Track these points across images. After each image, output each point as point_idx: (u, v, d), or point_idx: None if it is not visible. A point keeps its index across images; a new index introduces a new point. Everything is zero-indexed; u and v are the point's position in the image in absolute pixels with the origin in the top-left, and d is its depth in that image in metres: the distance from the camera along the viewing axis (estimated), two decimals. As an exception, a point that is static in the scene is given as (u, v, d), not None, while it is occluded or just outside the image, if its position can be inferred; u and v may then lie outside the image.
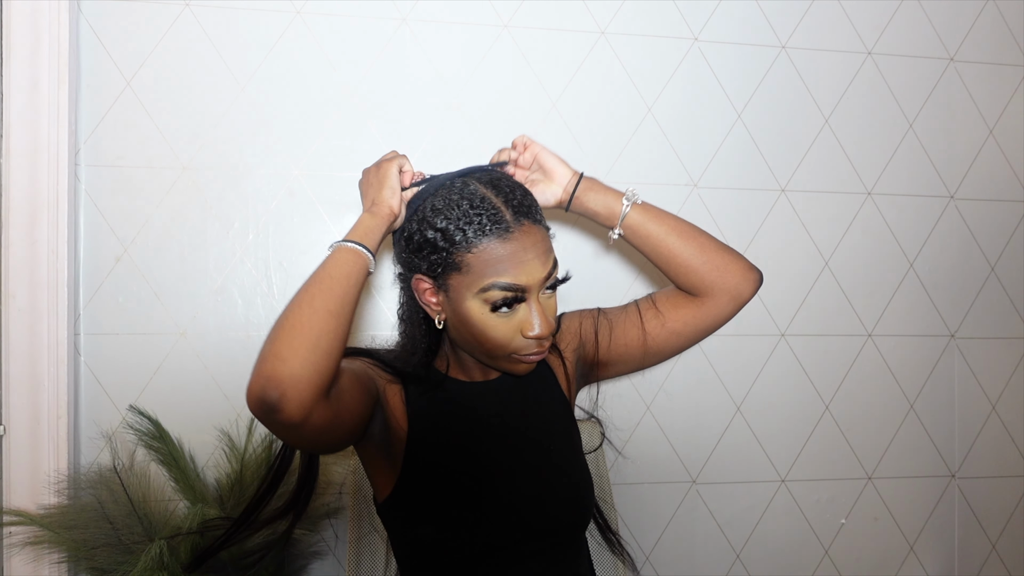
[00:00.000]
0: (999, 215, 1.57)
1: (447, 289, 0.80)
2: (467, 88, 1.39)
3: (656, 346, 0.94)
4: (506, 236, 0.77)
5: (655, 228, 0.90)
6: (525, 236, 0.78)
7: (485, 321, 0.79)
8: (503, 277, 0.77)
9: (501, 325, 0.79)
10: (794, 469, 1.49)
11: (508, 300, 0.78)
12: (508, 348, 0.80)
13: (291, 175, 1.34)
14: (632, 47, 1.44)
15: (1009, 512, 1.57)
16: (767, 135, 1.48)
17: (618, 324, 0.96)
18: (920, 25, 1.54)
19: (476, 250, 0.77)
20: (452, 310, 0.81)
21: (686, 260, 0.91)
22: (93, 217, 1.28)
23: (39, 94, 1.23)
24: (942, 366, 1.55)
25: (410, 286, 0.85)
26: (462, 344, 0.85)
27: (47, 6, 1.23)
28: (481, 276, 0.77)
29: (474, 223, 0.77)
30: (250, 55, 1.33)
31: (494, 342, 0.80)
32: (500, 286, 0.77)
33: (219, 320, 1.31)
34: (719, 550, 1.46)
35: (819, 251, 1.50)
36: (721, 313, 0.94)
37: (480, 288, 0.77)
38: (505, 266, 0.77)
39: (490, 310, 0.78)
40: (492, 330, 0.79)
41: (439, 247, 0.79)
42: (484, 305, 0.78)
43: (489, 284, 0.77)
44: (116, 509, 1.10)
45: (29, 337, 1.23)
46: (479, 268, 0.77)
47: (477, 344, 0.82)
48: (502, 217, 0.78)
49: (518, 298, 0.78)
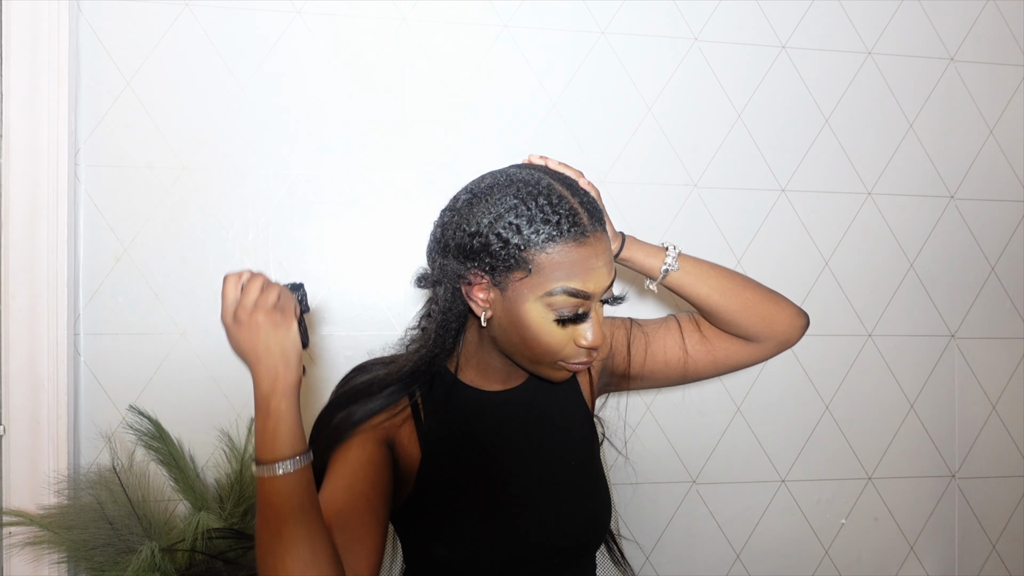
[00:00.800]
0: (999, 215, 1.57)
1: (505, 287, 0.76)
2: (467, 88, 1.39)
3: (696, 369, 0.92)
4: (582, 240, 0.74)
5: (696, 289, 0.89)
6: (598, 243, 0.75)
7: (542, 326, 0.75)
8: (572, 282, 0.73)
9: (557, 332, 0.76)
10: (794, 469, 1.49)
11: (572, 316, 0.75)
12: (558, 356, 0.77)
13: (291, 175, 1.34)
14: (632, 47, 1.44)
15: (1009, 512, 1.57)
16: (767, 135, 1.48)
17: (656, 339, 0.93)
18: (920, 25, 1.54)
19: (551, 250, 0.73)
20: (505, 309, 0.77)
21: (730, 316, 0.89)
22: (93, 217, 1.28)
23: (39, 94, 1.23)
24: (942, 366, 1.55)
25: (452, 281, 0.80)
26: (504, 345, 0.81)
27: (47, 6, 1.23)
28: (550, 279, 0.73)
29: (551, 222, 0.73)
30: (250, 55, 1.33)
31: (545, 348, 0.76)
32: (569, 291, 0.73)
33: (219, 320, 1.31)
34: (719, 550, 1.46)
35: (819, 251, 1.50)
36: (766, 355, 0.93)
37: (547, 291, 0.74)
38: (576, 271, 0.73)
39: (554, 319, 0.75)
40: (547, 335, 0.76)
41: (509, 242, 0.74)
42: (547, 311, 0.75)
43: (558, 288, 0.73)
44: (115, 509, 1.10)
45: (29, 337, 1.23)
46: (549, 270, 0.73)
47: (524, 348, 0.78)
48: (580, 220, 0.74)
49: (580, 315, 0.75)
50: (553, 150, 1.40)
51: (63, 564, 1.19)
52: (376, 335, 1.35)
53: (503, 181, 0.78)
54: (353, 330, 1.35)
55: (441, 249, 0.81)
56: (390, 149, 1.36)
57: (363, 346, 1.34)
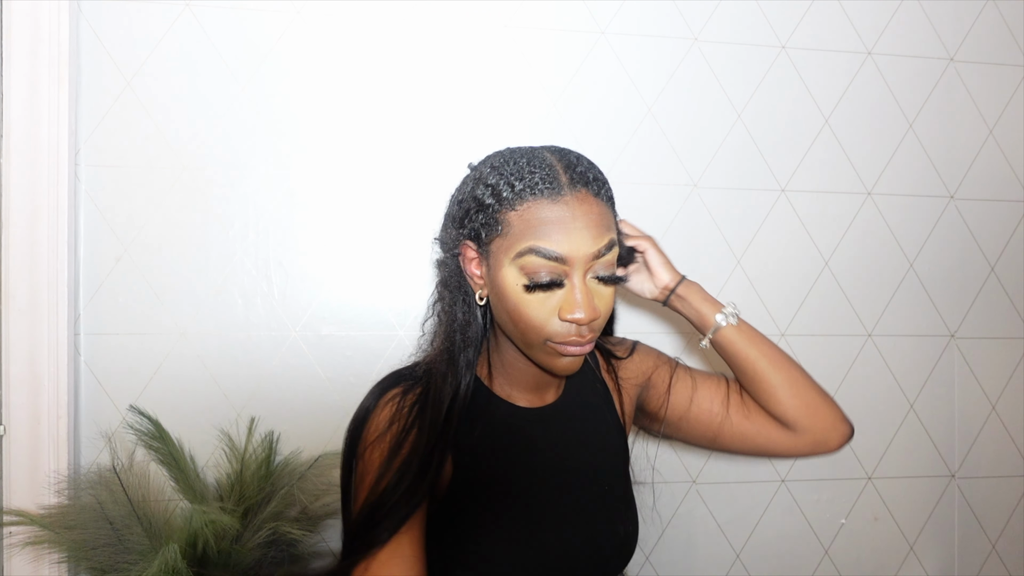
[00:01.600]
0: (999, 215, 1.57)
1: (487, 255, 0.72)
2: (467, 88, 1.39)
3: (728, 436, 0.88)
4: (556, 198, 0.68)
5: (746, 351, 0.86)
6: (578, 203, 0.69)
7: (518, 295, 0.70)
8: (543, 242, 0.68)
9: (534, 302, 0.70)
10: (794, 469, 1.49)
11: (546, 282, 0.69)
12: (543, 332, 0.71)
13: (291, 175, 1.34)
14: (632, 47, 1.44)
15: (1009, 512, 1.57)
16: (767, 135, 1.48)
17: (703, 390, 0.89)
18: (920, 25, 1.54)
19: (520, 207, 0.69)
20: (491, 281, 0.73)
21: (774, 389, 0.85)
22: (93, 217, 1.28)
23: (39, 94, 1.23)
24: (942, 366, 1.55)
25: (457, 260, 0.77)
26: (502, 325, 0.76)
27: (47, 6, 1.23)
28: (520, 238, 0.68)
29: (524, 179, 0.69)
30: (250, 55, 1.33)
31: (528, 322, 0.71)
32: (539, 251, 0.68)
33: (219, 320, 1.31)
34: (719, 550, 1.46)
35: (819, 251, 1.50)
36: (799, 451, 0.88)
37: (517, 252, 0.68)
38: (548, 230, 0.68)
39: (524, 284, 0.69)
40: (525, 306, 0.70)
41: (485, 205, 0.70)
42: (520, 275, 0.69)
43: (526, 248, 0.68)
44: (116, 509, 1.10)
45: (29, 337, 1.23)
46: (520, 229, 0.68)
47: (512, 326, 0.73)
48: (556, 178, 0.69)
49: (555, 283, 0.69)
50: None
51: (63, 564, 1.19)
52: (376, 335, 1.35)
53: (498, 151, 0.76)
54: (353, 330, 1.35)
55: (443, 230, 0.80)
56: (390, 149, 1.36)
57: (363, 346, 1.34)
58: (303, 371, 1.33)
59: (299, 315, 1.33)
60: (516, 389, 0.82)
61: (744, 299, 1.46)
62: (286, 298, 1.33)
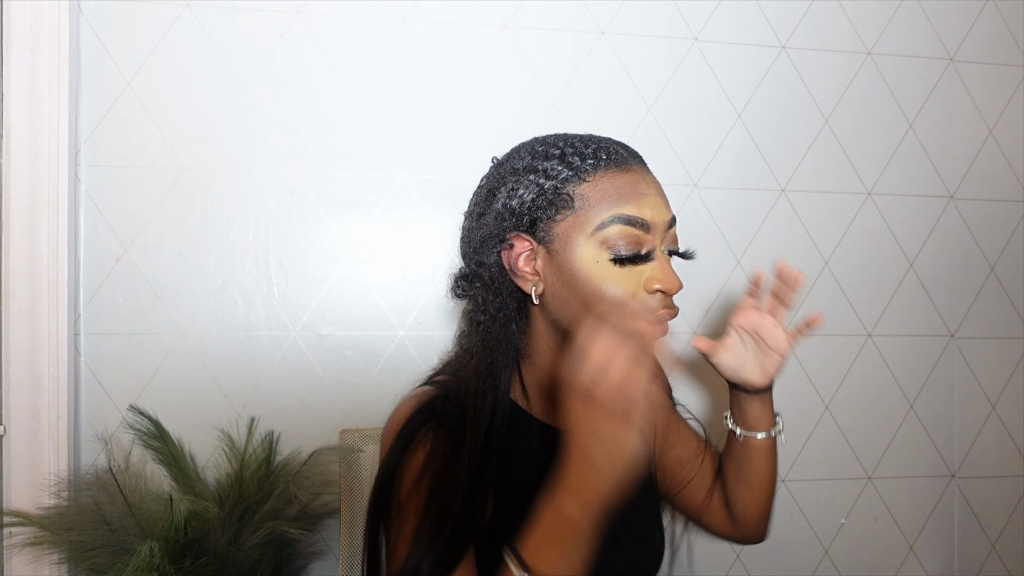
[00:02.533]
0: (999, 215, 1.57)
1: (551, 239, 0.66)
2: (467, 88, 1.39)
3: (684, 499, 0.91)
4: (625, 167, 0.66)
5: (763, 465, 0.85)
6: (644, 172, 0.67)
7: (600, 273, 0.64)
8: (625, 208, 0.64)
9: (620, 275, 0.64)
10: (794, 469, 1.49)
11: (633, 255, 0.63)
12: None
13: (291, 175, 1.34)
14: (632, 47, 1.44)
15: (1009, 512, 1.57)
16: (767, 135, 1.48)
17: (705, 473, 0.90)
18: (920, 25, 1.54)
19: (591, 179, 0.64)
20: (556, 268, 0.66)
21: (752, 498, 0.86)
22: (93, 217, 1.28)
23: (39, 94, 1.23)
24: (942, 366, 1.55)
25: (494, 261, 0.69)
26: (565, 319, 0.68)
27: (47, 6, 1.23)
28: (599, 209, 0.64)
29: (587, 153, 0.66)
30: (250, 55, 1.33)
31: (610, 300, 0.64)
32: (622, 218, 0.63)
33: (219, 320, 1.31)
34: (719, 550, 1.46)
35: (819, 251, 1.50)
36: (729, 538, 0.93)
37: (598, 225, 0.64)
38: (627, 196, 0.64)
39: (610, 259, 0.64)
40: (609, 283, 0.64)
41: (544, 185, 0.65)
42: (601, 250, 0.64)
43: (610, 217, 0.63)
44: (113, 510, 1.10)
45: (29, 337, 1.23)
46: (595, 199, 0.64)
47: (586, 311, 0.64)
48: (617, 150, 0.67)
49: (643, 255, 0.64)
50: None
51: (63, 565, 1.19)
52: (376, 335, 1.35)
53: (527, 141, 0.71)
54: (353, 330, 1.35)
55: (475, 229, 0.71)
56: (390, 149, 1.36)
57: (363, 346, 1.34)
58: (303, 371, 1.33)
59: (299, 315, 1.33)
60: (551, 404, 0.76)
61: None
62: (286, 298, 1.33)
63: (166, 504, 1.05)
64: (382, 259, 1.36)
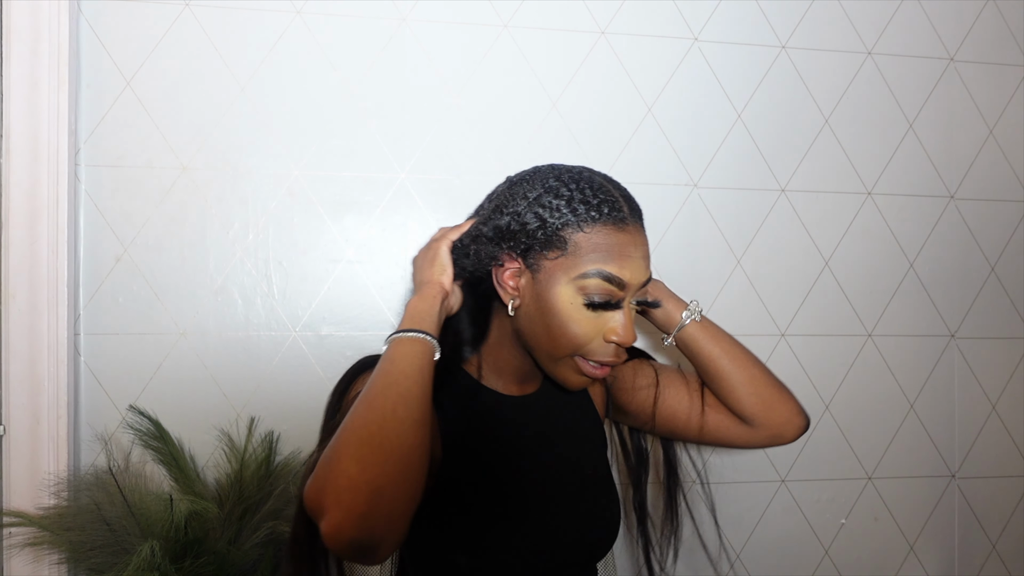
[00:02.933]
0: (999, 215, 1.57)
1: (538, 270, 0.74)
2: (467, 88, 1.39)
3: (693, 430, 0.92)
4: (621, 226, 0.73)
5: (708, 347, 0.87)
6: (637, 234, 0.74)
7: (571, 312, 0.73)
8: (608, 266, 0.72)
9: (585, 320, 0.73)
10: (794, 469, 1.49)
11: (603, 303, 0.72)
12: (582, 348, 0.74)
13: (291, 175, 1.34)
14: (632, 47, 1.44)
15: (1009, 512, 1.57)
16: (767, 135, 1.48)
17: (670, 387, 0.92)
18: (920, 25, 1.54)
19: (588, 230, 0.72)
20: (535, 295, 0.75)
21: (733, 386, 0.87)
22: (93, 217, 1.28)
23: (39, 94, 1.23)
24: (942, 366, 1.55)
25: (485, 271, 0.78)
26: (528, 337, 0.78)
27: (47, 6, 1.23)
28: (585, 260, 0.72)
29: (592, 205, 0.72)
30: (250, 55, 1.33)
31: (571, 337, 0.73)
32: (604, 275, 0.71)
33: (219, 320, 1.31)
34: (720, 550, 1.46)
35: (819, 251, 1.50)
36: (756, 443, 0.90)
37: (581, 273, 0.72)
38: (614, 256, 0.72)
39: (583, 303, 0.72)
40: (575, 323, 0.73)
41: (547, 221, 0.72)
42: (577, 295, 0.72)
43: (593, 270, 0.71)
44: (113, 511, 1.10)
45: (29, 337, 1.23)
46: (586, 250, 0.72)
47: (548, 339, 0.75)
48: (621, 207, 0.73)
49: (612, 304, 0.73)
50: (553, 150, 1.40)
51: (63, 565, 1.19)
52: (376, 335, 1.35)
53: (544, 168, 0.78)
54: (353, 330, 1.35)
55: (474, 237, 0.79)
56: (390, 149, 1.36)
57: (363, 346, 1.34)
58: (303, 371, 1.33)
59: (299, 315, 1.33)
60: (503, 380, 0.85)
61: (744, 299, 1.46)
62: (286, 298, 1.33)
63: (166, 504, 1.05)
64: (382, 259, 1.36)
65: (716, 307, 1.46)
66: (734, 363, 0.87)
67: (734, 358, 0.87)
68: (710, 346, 0.88)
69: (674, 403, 0.92)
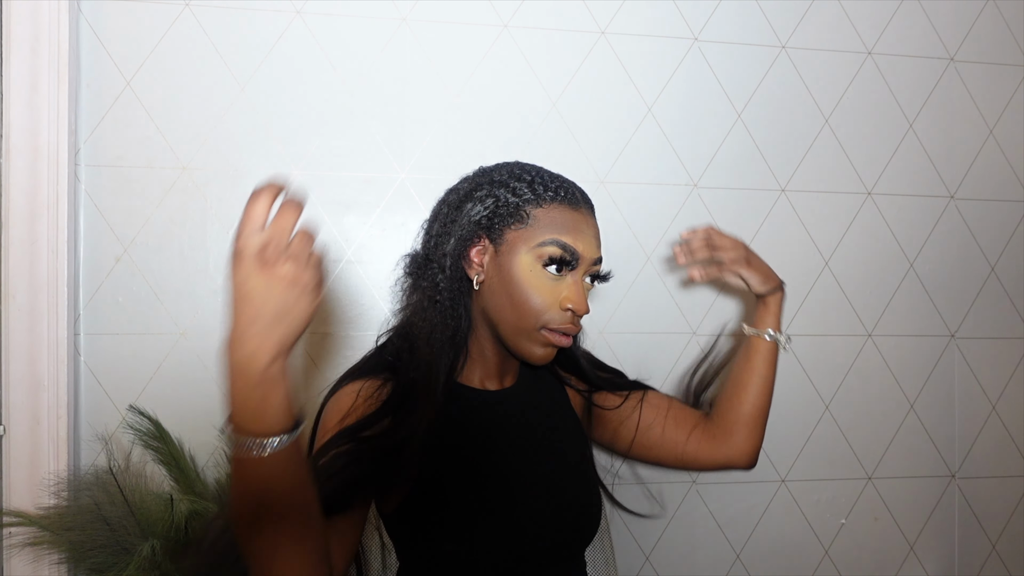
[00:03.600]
0: (999, 215, 1.57)
1: (500, 243, 0.82)
2: (467, 88, 1.39)
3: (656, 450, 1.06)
4: (575, 207, 0.83)
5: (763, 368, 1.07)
6: (589, 216, 0.85)
7: (531, 280, 0.80)
8: (565, 237, 0.81)
9: (544, 288, 0.81)
10: (794, 469, 1.49)
11: (562, 260, 0.80)
12: (541, 318, 0.81)
13: (291, 175, 1.34)
14: (632, 47, 1.44)
15: (1009, 512, 1.57)
16: (767, 135, 1.48)
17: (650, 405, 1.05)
18: (920, 25, 1.54)
19: (546, 206, 0.81)
20: (497, 266, 0.82)
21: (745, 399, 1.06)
22: (93, 217, 1.28)
23: (39, 94, 1.23)
24: (942, 366, 1.55)
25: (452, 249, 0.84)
26: (493, 311, 0.83)
27: (47, 6, 1.23)
28: (543, 231, 0.81)
29: (550, 186, 0.83)
30: (250, 55, 1.33)
31: (530, 306, 0.81)
32: (559, 244, 0.80)
33: (219, 320, 1.31)
34: (719, 550, 1.46)
35: (819, 251, 1.50)
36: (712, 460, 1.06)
37: (539, 242, 0.80)
38: (568, 229, 0.81)
39: (542, 265, 0.80)
40: (534, 291, 0.80)
41: (508, 201, 0.82)
42: (536, 261, 0.80)
43: (550, 239, 0.80)
44: (113, 511, 1.10)
45: (29, 337, 1.23)
46: (544, 223, 0.81)
47: (511, 310, 0.81)
48: (574, 193, 0.84)
49: (570, 262, 0.81)
50: (553, 150, 1.40)
51: (63, 565, 1.19)
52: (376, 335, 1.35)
53: (508, 163, 0.88)
54: (353, 330, 1.35)
55: (447, 218, 0.86)
56: (390, 149, 1.37)
57: (363, 346, 1.34)
58: (303, 371, 1.33)
59: (299, 315, 1.33)
60: (481, 376, 0.90)
61: (744, 299, 1.46)
62: (286, 298, 1.33)
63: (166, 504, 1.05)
64: (382, 259, 1.36)
65: (717, 307, 1.46)
66: (761, 390, 1.06)
67: (766, 391, 1.06)
68: (764, 367, 1.06)
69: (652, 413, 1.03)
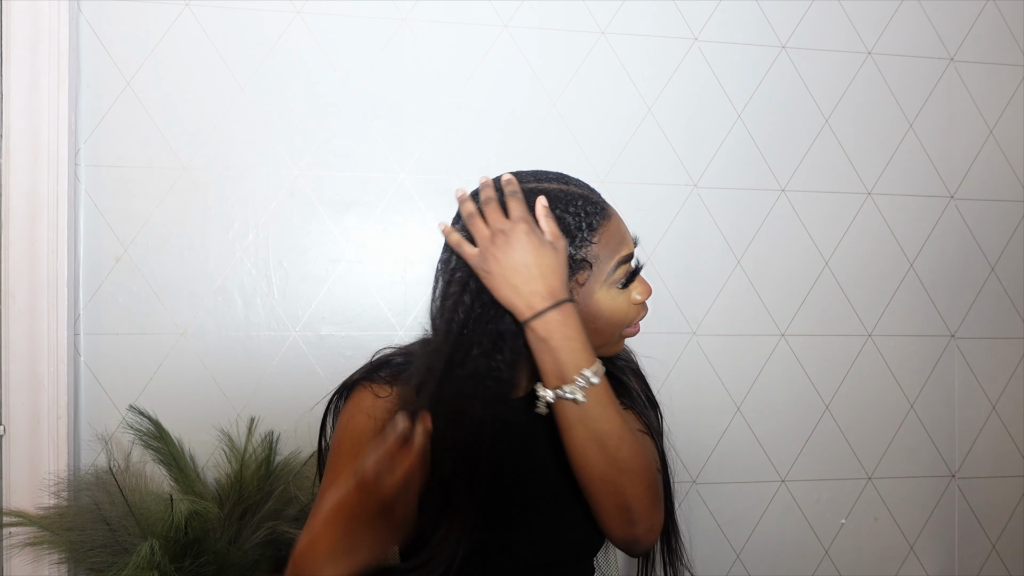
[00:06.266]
0: (999, 215, 1.57)
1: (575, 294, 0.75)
2: (467, 88, 1.39)
3: None
4: (608, 214, 0.77)
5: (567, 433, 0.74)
6: (614, 210, 0.80)
7: (616, 306, 0.77)
8: (622, 251, 0.77)
9: (623, 303, 0.77)
10: (794, 469, 1.49)
11: (632, 273, 0.77)
12: (624, 323, 0.79)
13: (291, 175, 1.34)
14: (632, 47, 1.44)
15: (1009, 512, 1.57)
16: (767, 135, 1.48)
17: None
18: (920, 25, 1.54)
19: (597, 238, 0.75)
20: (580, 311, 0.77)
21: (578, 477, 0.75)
22: (93, 217, 1.28)
23: (39, 94, 1.23)
24: (942, 366, 1.55)
25: None
26: None
27: (47, 6, 1.23)
28: (609, 260, 0.76)
29: (590, 211, 0.75)
30: (250, 55, 1.33)
31: (618, 323, 0.78)
32: (623, 260, 0.76)
33: (219, 320, 1.31)
34: (719, 550, 1.46)
35: (819, 251, 1.50)
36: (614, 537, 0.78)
37: (609, 272, 0.76)
38: (618, 240, 0.77)
39: (619, 288, 0.77)
40: (619, 311, 0.77)
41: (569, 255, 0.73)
42: (612, 287, 0.76)
43: (615, 264, 0.76)
44: (112, 510, 1.10)
45: (29, 337, 1.23)
46: (606, 254, 0.76)
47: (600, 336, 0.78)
48: (597, 202, 0.78)
49: (637, 268, 0.78)
50: (553, 150, 1.40)
51: (63, 565, 1.19)
52: (376, 335, 1.35)
53: None
54: (353, 330, 1.35)
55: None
56: (390, 149, 1.37)
57: (363, 346, 1.34)
58: (303, 371, 1.33)
59: (299, 315, 1.33)
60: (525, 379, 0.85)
61: (744, 299, 1.46)
62: (286, 298, 1.33)
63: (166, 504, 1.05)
64: (382, 259, 1.36)
65: (716, 307, 1.46)
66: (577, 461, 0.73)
67: (579, 458, 0.73)
68: (565, 435, 0.73)
69: None
